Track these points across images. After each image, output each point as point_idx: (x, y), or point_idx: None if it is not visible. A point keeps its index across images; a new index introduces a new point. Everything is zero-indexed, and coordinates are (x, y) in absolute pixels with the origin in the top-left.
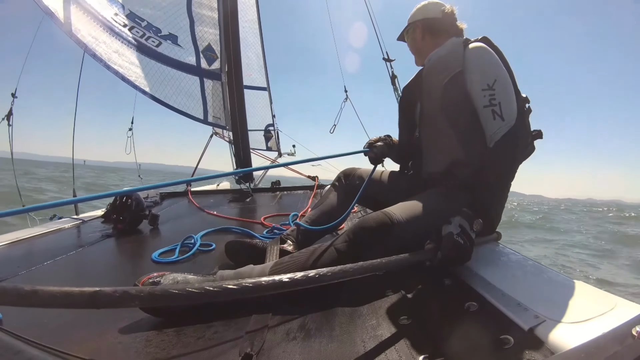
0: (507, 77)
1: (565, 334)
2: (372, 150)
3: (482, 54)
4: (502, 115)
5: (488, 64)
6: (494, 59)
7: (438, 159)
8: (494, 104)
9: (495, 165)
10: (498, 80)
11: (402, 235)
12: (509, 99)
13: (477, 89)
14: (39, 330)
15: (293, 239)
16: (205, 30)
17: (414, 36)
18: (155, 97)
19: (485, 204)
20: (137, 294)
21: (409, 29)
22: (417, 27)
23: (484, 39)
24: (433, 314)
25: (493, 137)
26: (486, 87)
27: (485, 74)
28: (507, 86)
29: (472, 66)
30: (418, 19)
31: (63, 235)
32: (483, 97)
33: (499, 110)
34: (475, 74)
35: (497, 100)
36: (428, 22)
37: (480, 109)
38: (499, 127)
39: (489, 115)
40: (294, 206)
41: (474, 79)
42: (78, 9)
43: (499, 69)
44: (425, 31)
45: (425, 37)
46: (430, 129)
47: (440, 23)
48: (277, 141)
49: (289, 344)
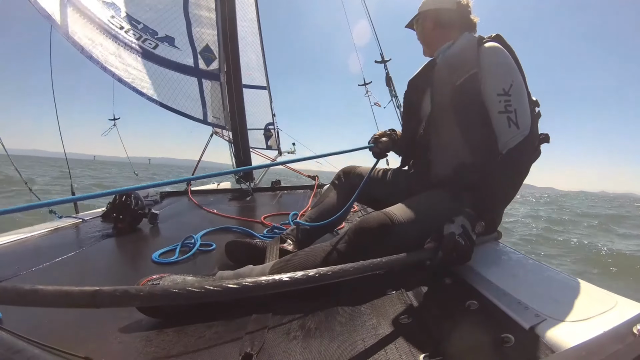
0: (522, 83)
1: (566, 333)
2: (377, 145)
3: (498, 55)
4: (517, 123)
5: (504, 66)
6: (510, 61)
7: (446, 162)
8: (510, 111)
9: (506, 171)
10: (514, 85)
11: (402, 235)
12: (524, 107)
13: (492, 93)
14: (39, 329)
15: (293, 239)
16: (202, 31)
17: (424, 25)
18: (153, 99)
19: (489, 207)
20: (137, 293)
21: (419, 18)
22: (428, 16)
23: (498, 37)
24: (433, 313)
25: (507, 144)
26: (502, 92)
27: (501, 78)
28: (522, 92)
29: (487, 68)
30: (430, 8)
31: (63, 235)
32: (498, 103)
33: (515, 117)
34: (491, 76)
35: (512, 107)
36: (441, 12)
37: (494, 114)
38: (513, 135)
39: (504, 122)
40: (294, 205)
41: (488, 82)
42: (75, 11)
43: (514, 73)
44: (436, 22)
45: (436, 29)
46: (440, 130)
47: (454, 15)
48: (277, 140)
49: (289, 343)
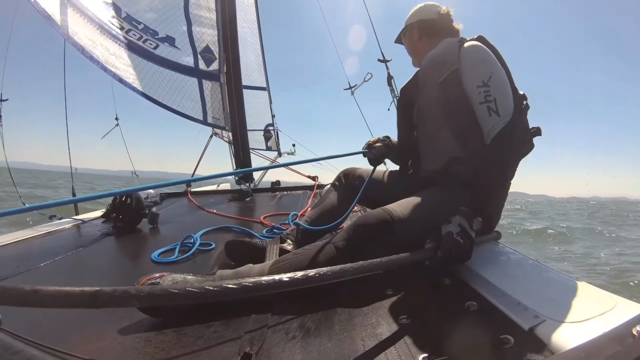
0: (502, 74)
1: (565, 334)
2: (370, 151)
3: (477, 52)
4: (497, 111)
5: (483, 61)
6: (489, 56)
7: (435, 157)
8: (489, 100)
9: (493, 161)
10: (493, 76)
11: (402, 232)
12: (504, 95)
13: (472, 86)
14: (38, 330)
15: (293, 239)
16: (203, 31)
17: (411, 37)
18: (153, 99)
19: (484, 202)
20: (137, 293)
21: (406, 31)
22: (413, 28)
23: (480, 38)
24: (433, 314)
25: (490, 134)
26: (481, 83)
27: (480, 71)
28: (502, 82)
29: (467, 63)
30: (414, 20)
31: (63, 236)
32: (478, 94)
33: (495, 106)
34: (471, 71)
35: (492, 97)
36: (424, 23)
37: (476, 105)
38: (494, 123)
39: (485, 111)
40: (294, 206)
41: (469, 76)
42: (75, 11)
43: (493, 66)
44: (421, 32)
45: (422, 39)
46: (428, 127)
47: (437, 24)
48: (277, 141)
49: (288, 343)
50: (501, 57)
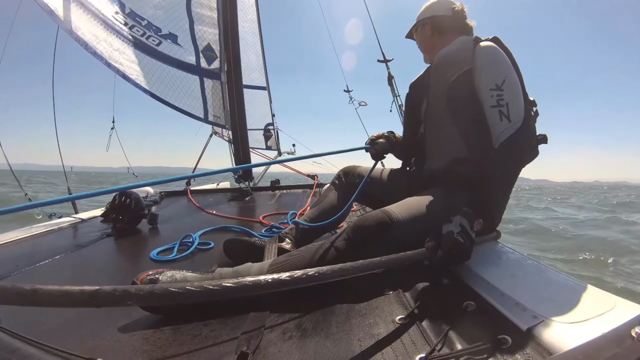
0: (515, 78)
1: (563, 335)
2: (373, 146)
3: (492, 53)
4: (508, 116)
5: (498, 63)
6: (504, 58)
7: (440, 156)
8: (502, 105)
9: (499, 166)
10: (507, 80)
11: (401, 234)
12: (516, 100)
13: (485, 88)
14: (36, 328)
15: (291, 238)
16: (204, 29)
17: (423, 33)
18: (155, 95)
19: (486, 204)
20: (137, 292)
21: (418, 27)
22: (426, 24)
23: (495, 39)
24: (430, 314)
25: (499, 138)
26: (494, 87)
27: (494, 74)
28: (516, 87)
29: (481, 64)
30: (427, 16)
31: (62, 234)
32: (491, 97)
33: (506, 111)
34: (484, 72)
35: (504, 101)
36: (437, 19)
37: (487, 108)
38: (505, 129)
39: (496, 115)
40: (293, 205)
41: (482, 77)
42: (78, 7)
43: (508, 69)
44: (434, 29)
45: (435, 35)
46: (435, 125)
47: (450, 21)
48: (277, 140)
49: (285, 342)
50: (514, 60)
